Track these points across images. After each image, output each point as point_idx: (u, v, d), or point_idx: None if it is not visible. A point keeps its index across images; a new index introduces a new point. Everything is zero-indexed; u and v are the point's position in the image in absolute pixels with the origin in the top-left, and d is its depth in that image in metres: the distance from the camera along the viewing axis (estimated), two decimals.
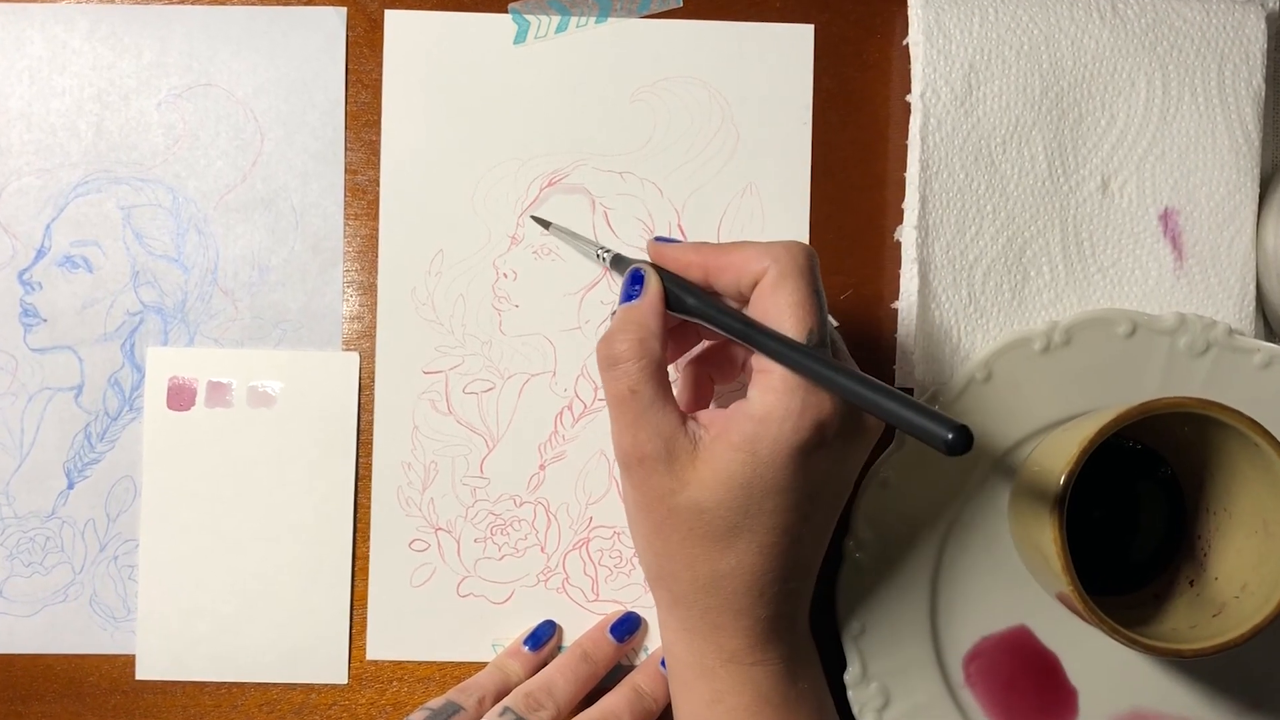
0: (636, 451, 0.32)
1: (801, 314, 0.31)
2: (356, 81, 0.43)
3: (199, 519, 0.41)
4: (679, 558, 0.33)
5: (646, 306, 0.33)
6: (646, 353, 0.32)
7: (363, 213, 0.42)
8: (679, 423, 0.32)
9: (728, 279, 0.33)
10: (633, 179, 0.42)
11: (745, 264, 0.32)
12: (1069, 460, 0.34)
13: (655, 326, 0.33)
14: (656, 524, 0.33)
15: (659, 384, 0.32)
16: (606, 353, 0.33)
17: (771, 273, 0.32)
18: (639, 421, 0.32)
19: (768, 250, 0.32)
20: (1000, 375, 0.40)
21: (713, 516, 0.32)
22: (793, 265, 0.32)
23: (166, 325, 0.42)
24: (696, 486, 0.32)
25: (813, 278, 0.32)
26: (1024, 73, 0.41)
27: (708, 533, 0.32)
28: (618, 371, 0.33)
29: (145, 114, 0.42)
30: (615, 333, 0.33)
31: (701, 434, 0.32)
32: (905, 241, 0.41)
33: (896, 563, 0.40)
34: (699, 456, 0.32)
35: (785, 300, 0.31)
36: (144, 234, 0.42)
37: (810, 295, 0.31)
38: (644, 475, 0.33)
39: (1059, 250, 0.42)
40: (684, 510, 0.32)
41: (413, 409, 0.42)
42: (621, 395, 0.33)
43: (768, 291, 0.32)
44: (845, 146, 0.43)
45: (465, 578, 0.42)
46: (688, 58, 0.42)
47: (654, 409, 0.32)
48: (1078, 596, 0.34)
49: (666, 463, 0.32)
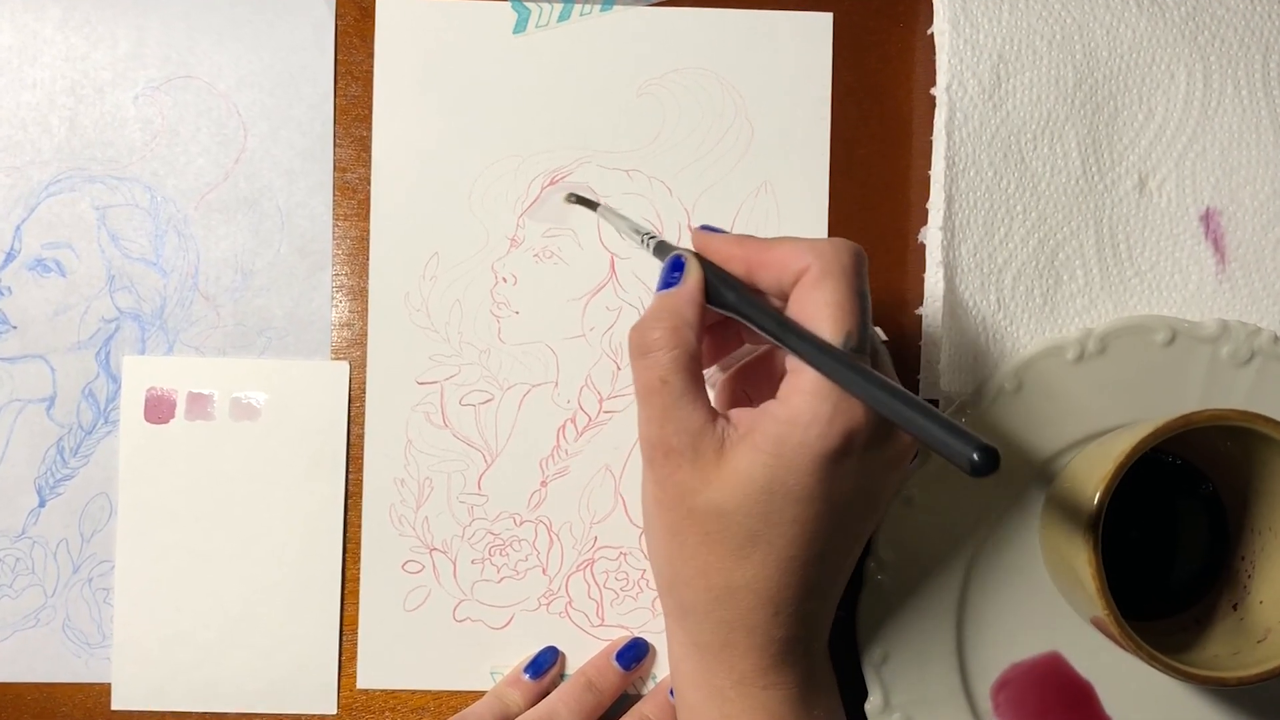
0: (663, 445, 0.33)
1: (840, 315, 0.31)
2: (346, 73, 0.43)
3: (178, 539, 0.42)
4: (693, 563, 0.34)
5: (685, 295, 0.34)
6: (680, 342, 0.33)
7: (353, 213, 0.43)
8: (708, 419, 0.33)
9: (770, 275, 0.33)
10: (640, 177, 0.43)
11: (787, 260, 0.33)
12: (1104, 476, 0.35)
13: (692, 317, 0.33)
14: (673, 525, 0.34)
15: (691, 376, 0.33)
16: (639, 340, 0.33)
17: (813, 270, 0.32)
18: (667, 414, 0.33)
19: (812, 247, 0.32)
20: (1031, 386, 0.40)
21: (730, 521, 0.32)
22: (836, 264, 0.32)
23: (144, 333, 0.42)
24: (718, 487, 0.32)
25: (856, 279, 0.32)
26: (1056, 64, 0.42)
27: (725, 539, 0.33)
28: (649, 360, 0.33)
29: (121, 108, 0.42)
30: (649, 320, 0.33)
31: (730, 432, 0.33)
32: (930, 244, 0.42)
33: (921, 585, 0.41)
34: (724, 455, 0.32)
35: (824, 300, 0.32)
36: (120, 236, 0.42)
37: (851, 297, 0.32)
38: (668, 470, 0.33)
39: (1093, 253, 0.42)
40: (703, 511, 0.33)
41: (406, 422, 0.42)
42: (651, 385, 0.33)
43: (807, 290, 0.32)
44: (866, 142, 0.43)
45: (462, 601, 0.42)
46: (699, 48, 0.43)
47: (684, 402, 0.33)
48: (1113, 621, 0.34)
49: (691, 459, 0.32)
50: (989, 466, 0.26)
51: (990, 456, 0.26)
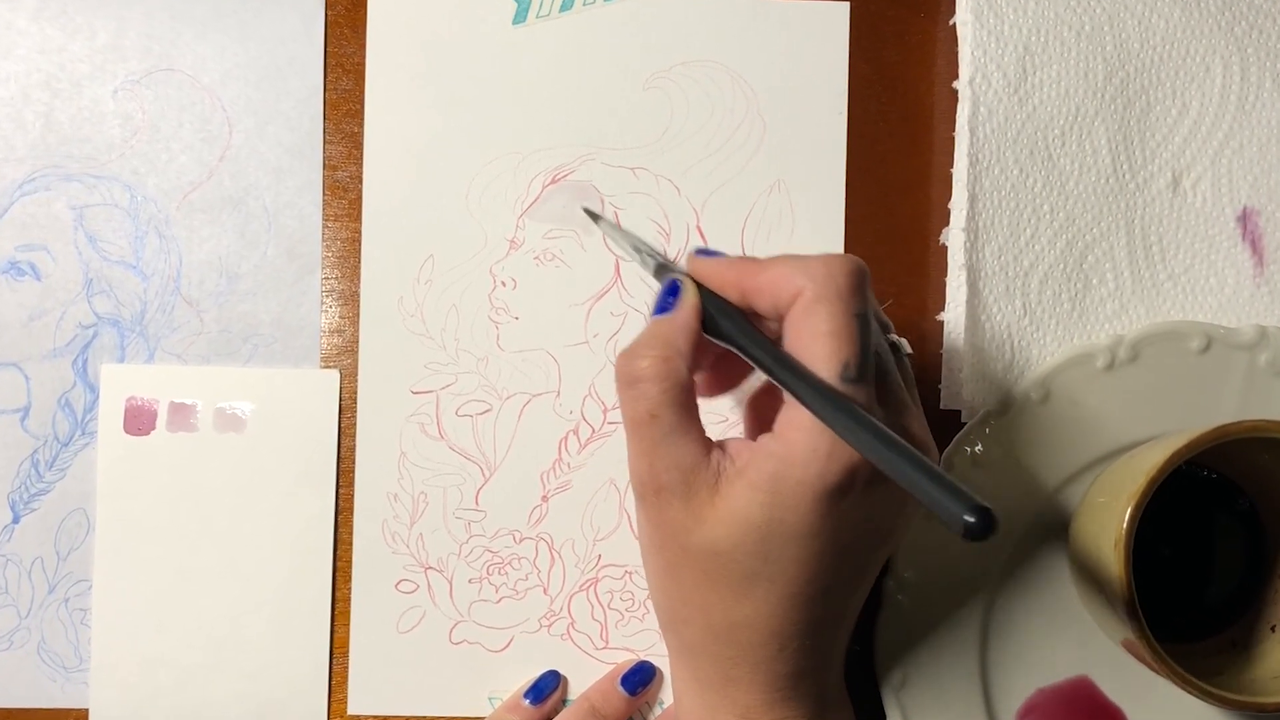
0: (652, 482, 0.33)
1: (835, 344, 0.31)
2: (337, 66, 0.44)
3: (160, 557, 0.42)
4: (692, 602, 0.34)
5: (678, 323, 0.34)
6: (670, 374, 0.33)
7: (344, 213, 0.43)
8: (702, 453, 0.33)
9: (765, 300, 0.33)
10: (646, 175, 0.43)
11: (780, 284, 0.32)
12: (1135, 491, 0.35)
13: (684, 346, 0.33)
14: (669, 563, 0.34)
15: (682, 409, 0.33)
16: (626, 369, 0.33)
17: (806, 294, 0.32)
18: (656, 450, 0.33)
19: (804, 268, 0.32)
20: (1059, 395, 0.41)
21: (728, 560, 0.32)
22: (830, 286, 0.31)
23: (123, 339, 0.43)
24: (713, 525, 0.32)
25: (853, 300, 0.32)
26: (1085, 56, 0.42)
27: (723, 577, 0.33)
28: (636, 392, 0.33)
29: (99, 103, 0.43)
30: (638, 348, 0.33)
31: (726, 467, 0.33)
32: (952, 246, 0.42)
33: (943, 606, 0.41)
34: (719, 492, 0.32)
35: (818, 328, 0.31)
36: (98, 237, 0.43)
37: (848, 322, 0.31)
38: (659, 508, 0.33)
39: (1124, 255, 0.43)
40: (698, 550, 0.33)
41: (400, 433, 0.43)
42: (639, 418, 0.33)
43: (801, 316, 0.32)
44: (884, 139, 0.44)
45: (458, 623, 0.43)
46: (708, 39, 0.43)
47: (674, 437, 0.33)
48: (1145, 644, 0.35)
49: (683, 497, 0.33)
50: (984, 530, 0.25)
51: (985, 519, 0.25)
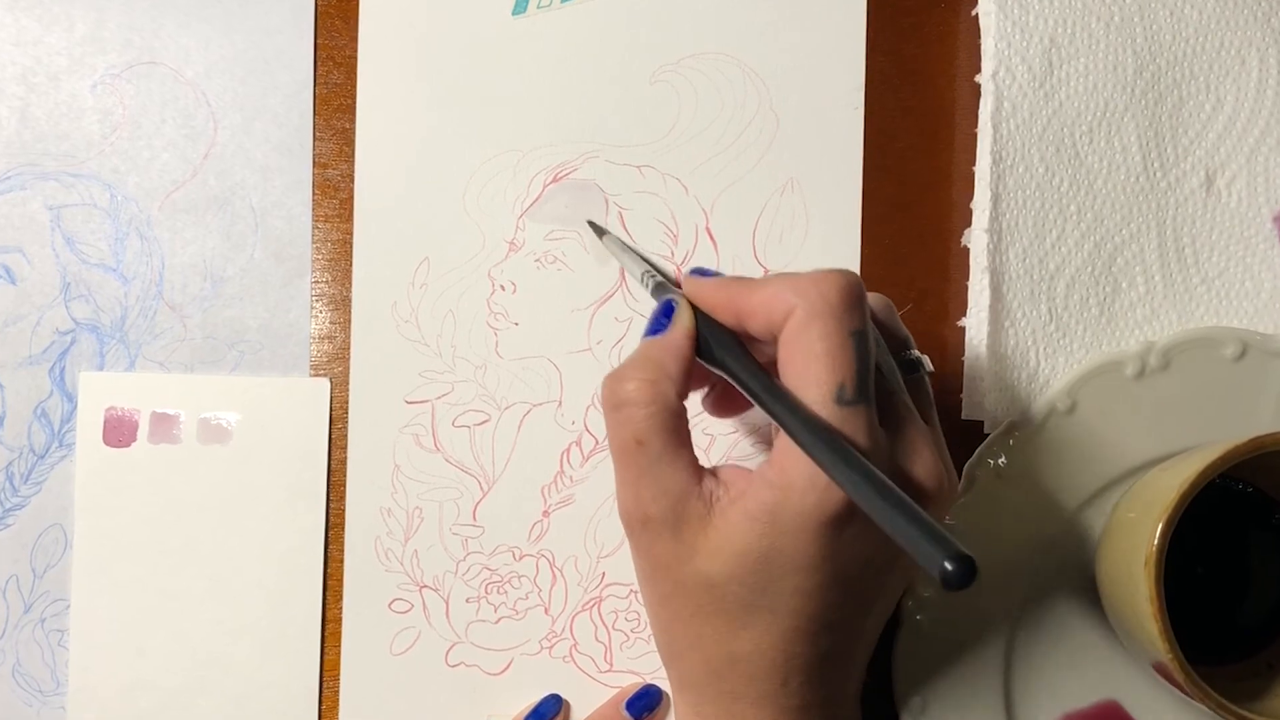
0: (639, 512, 0.33)
1: (829, 364, 0.31)
2: (327, 59, 0.44)
3: (141, 575, 0.43)
4: (688, 635, 0.34)
5: (669, 345, 0.34)
6: (658, 398, 0.33)
7: (334, 213, 0.44)
8: (692, 481, 0.33)
9: (758, 322, 0.33)
10: (653, 174, 0.44)
11: (772, 304, 0.32)
12: (1167, 506, 0.36)
13: (674, 370, 0.34)
14: (663, 596, 0.34)
15: (670, 434, 0.33)
16: (612, 392, 0.34)
17: (798, 314, 0.32)
18: (643, 478, 0.33)
19: (795, 286, 0.32)
20: (1086, 405, 0.41)
21: (724, 591, 0.33)
22: (822, 303, 0.31)
23: (103, 346, 0.43)
24: (706, 557, 0.33)
25: (848, 317, 0.32)
26: (1114, 48, 0.43)
27: (719, 610, 0.33)
28: (622, 416, 0.33)
29: (78, 97, 0.43)
30: (626, 369, 0.34)
31: (719, 495, 0.33)
32: (974, 248, 0.43)
33: (965, 625, 0.42)
34: (711, 523, 0.33)
35: (811, 348, 0.31)
36: (76, 239, 0.43)
37: (841, 341, 0.31)
38: (647, 540, 0.34)
39: (1155, 258, 0.43)
40: (692, 582, 0.33)
41: (393, 445, 0.43)
42: (625, 445, 0.33)
43: (793, 337, 0.32)
44: (903, 136, 0.45)
45: (455, 644, 0.43)
46: (718, 30, 0.44)
47: (662, 464, 0.33)
48: (1178, 666, 0.35)
49: (673, 527, 0.33)
50: (963, 579, 0.25)
51: (965, 568, 0.25)
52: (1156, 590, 0.36)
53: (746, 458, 0.43)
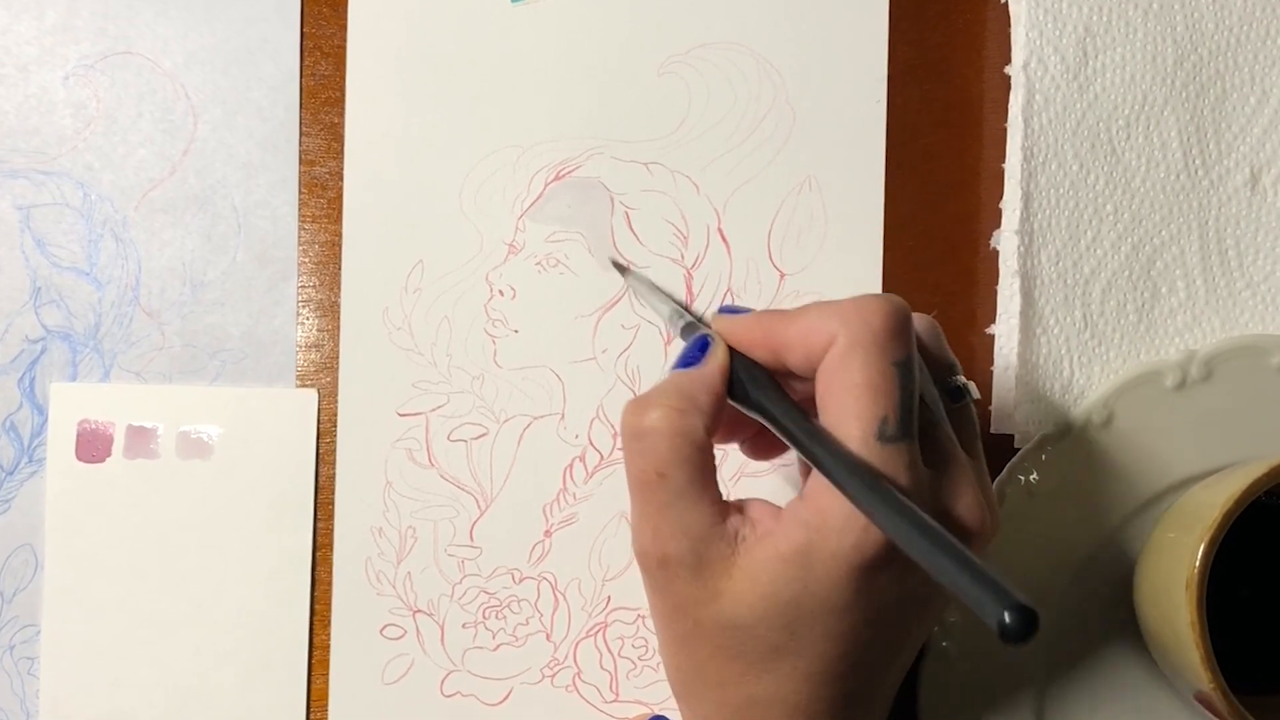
0: (657, 550, 0.33)
1: (871, 397, 0.31)
2: (314, 49, 0.44)
3: (116, 599, 0.43)
4: (705, 676, 0.34)
5: (702, 378, 0.34)
6: (685, 429, 0.33)
7: (322, 214, 0.44)
8: (716, 520, 0.33)
9: (797, 355, 0.33)
10: (661, 172, 0.44)
11: (811, 335, 0.33)
12: (1210, 525, 0.36)
13: (706, 404, 0.34)
14: (679, 636, 0.35)
15: (696, 469, 0.33)
16: (634, 420, 0.34)
17: (839, 343, 0.32)
18: (663, 514, 0.33)
19: (837, 312, 0.32)
20: (1124, 418, 0.42)
21: (749, 635, 0.33)
22: (865, 331, 0.32)
23: (75, 355, 0.44)
24: (731, 600, 0.33)
25: (892, 346, 0.32)
26: (1153, 38, 0.43)
27: (742, 653, 0.33)
28: (644, 445, 0.33)
29: (48, 90, 0.44)
30: (651, 397, 0.34)
31: (746, 534, 0.33)
32: (1004, 250, 0.44)
33: (995, 654, 0.42)
34: (737, 564, 0.33)
35: (851, 379, 0.31)
36: (47, 240, 0.44)
37: (883, 370, 0.31)
38: (665, 580, 0.34)
39: (1197, 261, 0.44)
40: (713, 625, 0.33)
41: (385, 460, 0.44)
42: (645, 477, 0.33)
43: (833, 370, 0.32)
44: (929, 131, 0.45)
45: (451, 672, 0.44)
46: (731, 19, 0.44)
47: (684, 500, 0.33)
48: (1221, 696, 0.36)
49: (693, 569, 0.33)
50: (1023, 633, 0.26)
51: (1025, 620, 0.26)
52: (1198, 614, 0.36)
53: (757, 475, 0.44)
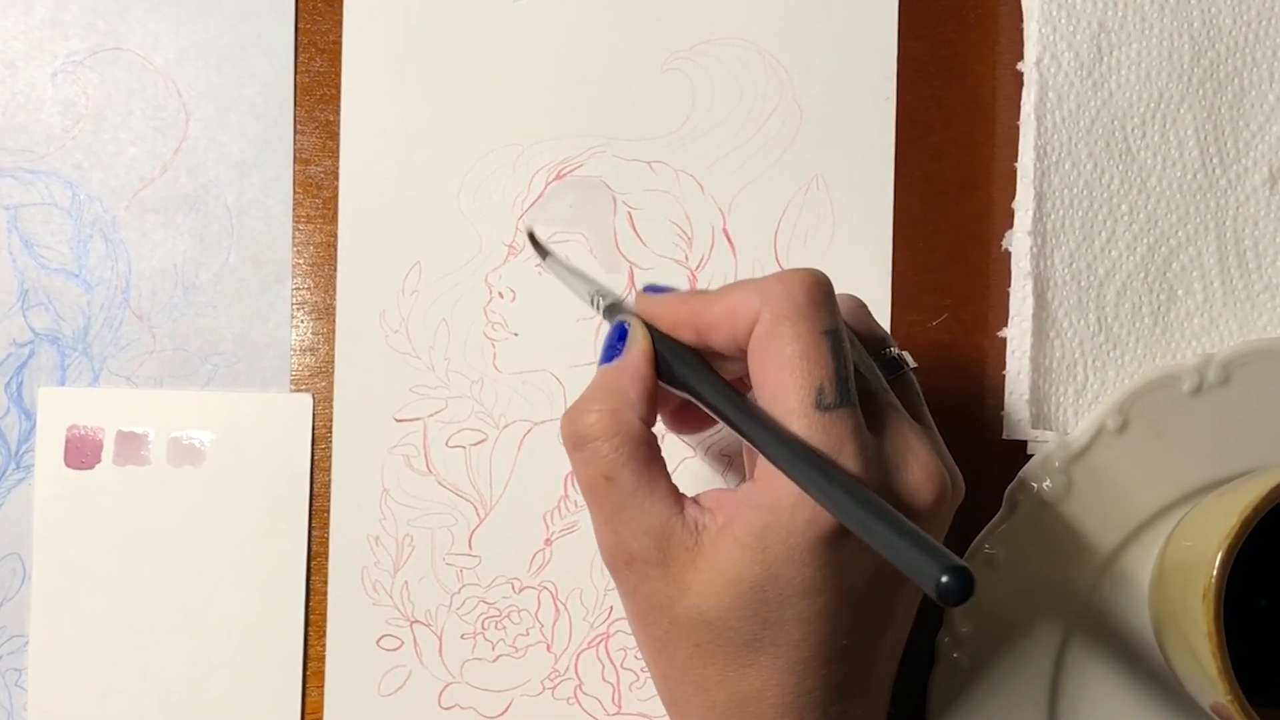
0: (622, 552, 0.34)
1: (803, 368, 0.32)
2: (310, 45, 0.45)
3: (106, 609, 0.43)
4: (689, 680, 0.35)
5: (627, 369, 0.35)
6: (622, 427, 0.34)
7: (317, 214, 0.45)
8: (673, 512, 0.34)
9: (723, 335, 0.34)
10: (665, 170, 0.45)
11: (735, 312, 0.33)
12: (1227, 533, 0.36)
13: (636, 395, 0.34)
14: (658, 639, 0.35)
15: (642, 464, 0.34)
16: (572, 428, 0.35)
17: (765, 318, 0.33)
18: (620, 515, 0.34)
19: (759, 289, 0.33)
20: (1139, 424, 0.42)
21: (722, 628, 0.33)
22: (788, 303, 0.32)
23: (64, 359, 0.44)
24: (699, 594, 0.33)
25: (819, 316, 0.33)
26: (1170, 33, 0.44)
27: (720, 649, 0.34)
28: (586, 453, 0.34)
29: (36, 87, 0.44)
30: (583, 403, 0.35)
31: (706, 523, 0.34)
32: (1016, 251, 0.44)
33: (1006, 664, 0.42)
34: (700, 554, 0.33)
35: (781, 352, 0.32)
36: (35, 241, 0.44)
37: (813, 341, 0.32)
38: (635, 581, 0.34)
39: (1215, 263, 0.44)
40: (686, 622, 0.34)
41: (382, 467, 0.44)
42: (594, 483, 0.34)
43: (762, 344, 0.33)
44: (939, 129, 0.45)
45: (449, 684, 0.44)
46: (736, 14, 0.45)
47: (638, 498, 0.34)
48: (1238, 708, 0.36)
49: (660, 565, 0.34)
50: (958, 594, 0.26)
51: (961, 580, 0.26)
52: (1215, 625, 0.36)
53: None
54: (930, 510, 0.34)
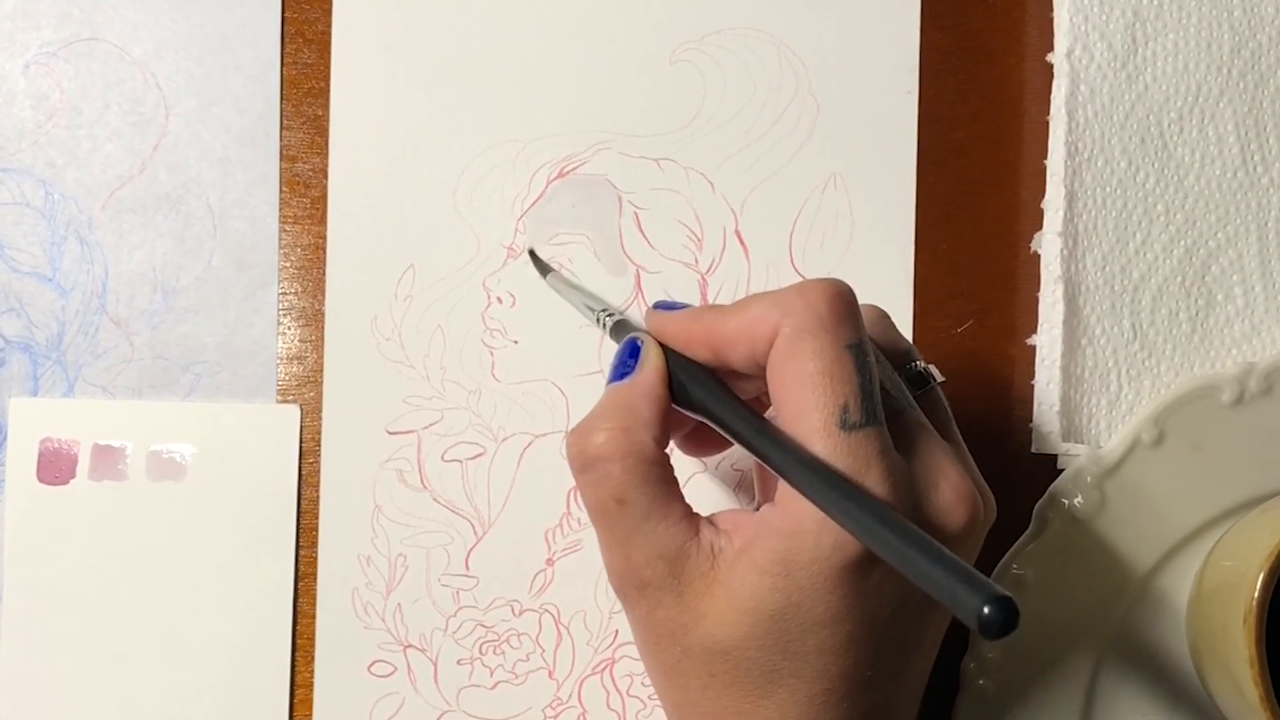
0: (633, 578, 0.34)
1: (826, 385, 0.32)
2: (297, 35, 0.45)
3: (81, 632, 0.44)
4: (701, 711, 0.35)
5: (639, 388, 0.35)
6: (634, 448, 0.34)
7: (305, 214, 0.45)
8: (688, 536, 0.34)
9: (740, 352, 0.34)
10: (674, 168, 0.45)
11: (754, 328, 0.33)
12: (1270, 553, 0.37)
13: (648, 414, 0.35)
14: (669, 668, 0.35)
15: (654, 486, 0.34)
16: (580, 449, 0.35)
17: (784, 332, 0.33)
18: (632, 539, 0.34)
19: (777, 302, 0.33)
20: (1176, 436, 0.42)
21: (739, 658, 0.33)
22: (810, 316, 0.32)
23: (36, 368, 0.44)
24: (715, 621, 0.33)
25: (842, 329, 0.33)
26: (1208, 23, 0.44)
27: (736, 679, 0.34)
28: (596, 475, 0.34)
29: (7, 79, 0.44)
30: (592, 421, 0.35)
31: (722, 546, 0.34)
32: (1046, 254, 0.44)
33: (1035, 692, 0.43)
34: (717, 579, 0.33)
35: (803, 368, 0.32)
36: (6, 244, 0.44)
37: (836, 356, 0.32)
38: (646, 607, 0.35)
39: (1256, 265, 0.44)
40: (701, 650, 0.34)
41: (373, 482, 0.44)
42: (604, 506, 0.34)
43: (781, 362, 0.33)
44: (964, 124, 0.46)
45: (445, 713, 0.44)
46: (749, 3, 0.45)
47: (651, 522, 0.34)
48: None
49: (674, 591, 0.34)
50: (1003, 625, 0.26)
51: (1004, 612, 0.26)
52: (1257, 650, 0.36)
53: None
54: (962, 534, 0.34)
